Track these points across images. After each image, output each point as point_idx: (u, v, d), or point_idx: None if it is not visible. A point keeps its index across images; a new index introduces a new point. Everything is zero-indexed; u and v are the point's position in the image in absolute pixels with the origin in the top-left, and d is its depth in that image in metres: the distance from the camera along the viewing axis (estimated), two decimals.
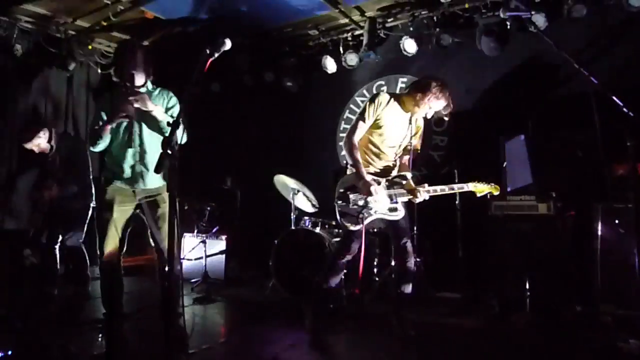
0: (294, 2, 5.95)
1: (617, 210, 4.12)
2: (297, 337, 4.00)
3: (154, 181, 3.70)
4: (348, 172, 4.08)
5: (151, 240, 3.75)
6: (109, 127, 3.55)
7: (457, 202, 5.22)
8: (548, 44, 4.08)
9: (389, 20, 6.29)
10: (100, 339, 3.85)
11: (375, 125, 4.04)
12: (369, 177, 3.91)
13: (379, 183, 3.98)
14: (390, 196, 3.99)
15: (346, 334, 4.23)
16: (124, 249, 3.75)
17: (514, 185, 4.76)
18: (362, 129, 4.03)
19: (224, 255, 6.41)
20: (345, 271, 4.35)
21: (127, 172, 3.65)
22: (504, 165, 4.91)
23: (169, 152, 2.39)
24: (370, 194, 3.85)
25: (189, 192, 6.48)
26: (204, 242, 6.42)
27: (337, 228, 5.44)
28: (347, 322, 4.51)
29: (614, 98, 3.69)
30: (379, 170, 4.11)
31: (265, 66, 7.16)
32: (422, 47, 6.04)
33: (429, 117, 4.08)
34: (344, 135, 4.15)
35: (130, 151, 3.63)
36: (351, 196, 3.96)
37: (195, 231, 6.69)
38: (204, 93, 7.36)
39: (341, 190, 4.01)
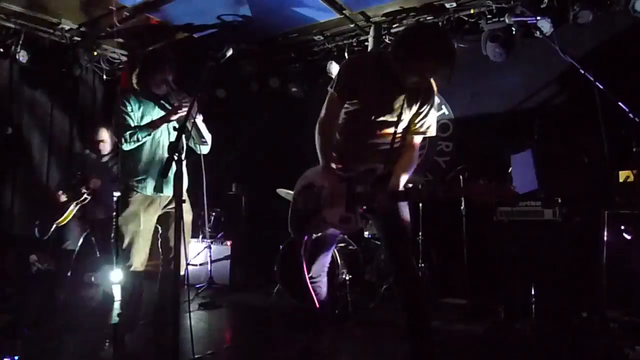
0: (299, 8, 5.97)
1: (623, 217, 4.10)
2: (302, 343, 3.99)
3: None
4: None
5: (160, 248, 3.77)
6: (159, 126, 3.60)
7: (462, 207, 5.20)
8: (554, 50, 4.09)
9: (394, 25, 6.29)
10: (107, 345, 3.85)
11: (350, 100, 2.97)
12: (332, 169, 2.95)
13: (343, 180, 2.92)
14: (348, 202, 2.86)
15: (352, 340, 4.22)
16: None
17: (520, 191, 4.73)
18: (333, 105, 2.98)
19: (229, 261, 6.42)
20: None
21: (154, 177, 3.64)
22: (510, 171, 4.89)
23: (176, 157, 2.39)
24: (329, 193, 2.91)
25: (194, 197, 6.51)
26: (209, 247, 6.43)
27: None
28: (353, 328, 4.51)
29: (620, 104, 3.69)
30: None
31: (270, 72, 7.18)
32: None
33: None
34: None
35: (158, 155, 3.66)
36: (304, 196, 3.14)
37: (201, 236, 6.71)
38: (210, 99, 7.38)
39: (298, 189, 3.24)
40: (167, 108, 3.68)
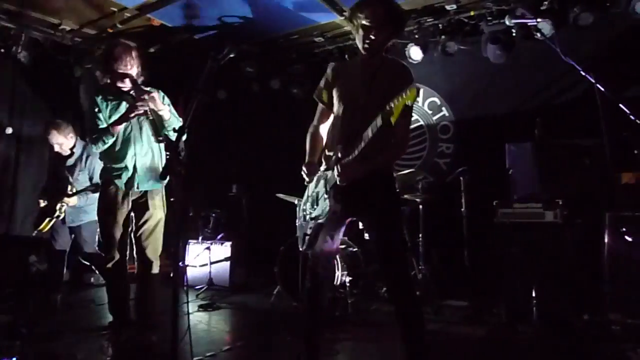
0: (300, 9, 5.96)
1: (625, 219, 4.09)
2: (302, 344, 3.97)
3: (148, 183, 3.73)
4: None
5: (134, 243, 3.77)
6: (122, 125, 3.57)
7: (463, 209, 5.19)
8: (554, 52, 4.08)
9: None
10: (106, 346, 3.84)
11: (331, 104, 3.12)
12: (313, 163, 3.06)
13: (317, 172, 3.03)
14: (325, 186, 2.94)
15: (352, 341, 4.21)
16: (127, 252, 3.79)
17: (521, 193, 4.73)
18: (319, 111, 3.23)
19: (229, 262, 6.40)
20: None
21: (128, 172, 3.67)
22: (510, 172, 4.88)
23: (175, 157, 2.38)
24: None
25: (194, 198, 6.50)
26: (209, 248, 6.42)
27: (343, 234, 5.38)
28: (353, 329, 4.50)
29: (621, 106, 3.68)
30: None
31: (271, 73, 7.18)
32: (428, 55, 6.05)
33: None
34: None
35: (131, 151, 3.66)
36: (302, 207, 3.18)
37: (200, 237, 6.70)
38: (211, 100, 7.38)
39: (302, 204, 3.22)
40: None
